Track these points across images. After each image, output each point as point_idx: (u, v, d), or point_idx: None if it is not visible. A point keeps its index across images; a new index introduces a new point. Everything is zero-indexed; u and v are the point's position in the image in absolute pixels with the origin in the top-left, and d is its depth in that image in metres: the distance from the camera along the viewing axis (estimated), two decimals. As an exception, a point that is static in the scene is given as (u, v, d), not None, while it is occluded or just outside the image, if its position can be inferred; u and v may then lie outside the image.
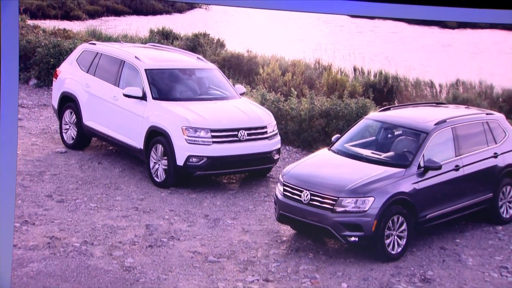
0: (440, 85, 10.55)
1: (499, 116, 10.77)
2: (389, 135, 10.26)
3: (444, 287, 9.76)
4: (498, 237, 10.55)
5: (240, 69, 9.97)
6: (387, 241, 9.56)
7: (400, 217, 9.59)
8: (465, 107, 10.91)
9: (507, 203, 10.62)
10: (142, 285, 8.90)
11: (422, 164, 9.69)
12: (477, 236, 10.48)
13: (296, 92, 10.21)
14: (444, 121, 10.15)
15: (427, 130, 9.99)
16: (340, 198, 9.31)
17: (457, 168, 10.04)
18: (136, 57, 9.73)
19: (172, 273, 9.00)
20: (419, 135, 10.01)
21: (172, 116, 9.66)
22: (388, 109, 10.62)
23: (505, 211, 10.62)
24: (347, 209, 9.30)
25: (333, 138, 10.17)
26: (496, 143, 10.52)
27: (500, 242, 10.47)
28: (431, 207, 9.91)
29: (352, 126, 10.28)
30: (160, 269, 9.03)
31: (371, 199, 9.33)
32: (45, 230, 8.92)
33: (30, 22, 8.78)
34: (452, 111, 10.71)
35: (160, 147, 9.61)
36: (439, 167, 9.79)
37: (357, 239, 9.37)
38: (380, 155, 9.98)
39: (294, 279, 9.35)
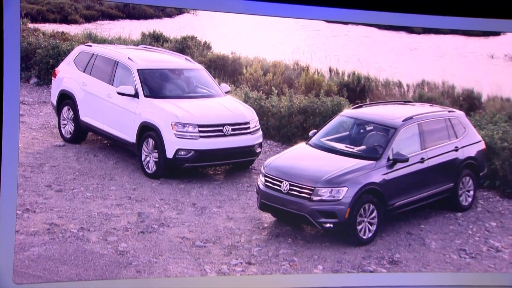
0: (407, 85, 10.61)
1: (460, 114, 10.83)
2: (361, 131, 10.29)
3: (409, 268, 9.92)
4: (458, 222, 10.68)
5: (225, 70, 9.96)
6: (359, 227, 9.70)
7: (371, 205, 9.73)
8: (430, 105, 10.98)
9: (466, 192, 10.72)
10: (135, 268, 8.96)
11: (391, 157, 9.80)
12: (440, 222, 10.60)
13: (276, 91, 10.26)
14: (411, 117, 10.25)
15: (395, 126, 10.08)
16: (316, 188, 9.41)
17: (422, 161, 10.16)
18: (129, 58, 9.70)
19: (162, 257, 9.09)
20: (388, 130, 10.08)
21: (162, 112, 9.64)
22: (361, 106, 10.66)
23: (464, 199, 10.74)
24: (323, 198, 9.41)
25: (310, 133, 10.20)
26: (457, 138, 10.62)
27: (460, 227, 10.61)
28: (399, 196, 10.02)
29: (328, 122, 10.31)
30: (151, 253, 9.11)
31: (345, 189, 9.44)
32: (45, 217, 8.94)
33: (31, 25, 8.86)
34: (418, 108, 10.79)
35: (151, 141, 9.58)
36: (406, 160, 9.91)
37: (332, 225, 9.50)
38: (353, 148, 10.05)
39: (274, 262, 9.48)
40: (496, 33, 11.15)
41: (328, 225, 9.50)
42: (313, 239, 9.87)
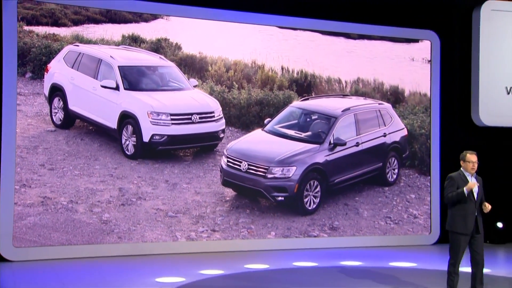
0: (345, 81, 10.99)
1: (388, 106, 11.07)
2: (308, 119, 10.39)
3: (346, 233, 10.49)
4: (385, 195, 11.05)
5: (193, 67, 10.08)
6: (305, 200, 10.00)
7: (315, 181, 9.98)
8: (364, 98, 11.10)
9: (392, 170, 11.00)
10: (116, 234, 9.15)
11: (332, 141, 10.02)
12: (371, 195, 10.94)
13: (237, 85, 10.30)
14: (348, 108, 10.45)
15: (336, 115, 10.25)
16: (270, 167, 9.64)
17: (357, 144, 10.41)
18: (111, 56, 9.59)
19: (140, 225, 9.29)
20: (330, 119, 10.24)
21: (139, 103, 9.58)
22: (307, 99, 10.70)
23: (390, 176, 11.03)
24: (276, 175, 9.66)
25: (265, 121, 10.29)
26: (385, 126, 10.89)
27: (386, 199, 11.03)
28: (338, 174, 10.28)
29: (280, 112, 10.41)
30: (130, 222, 9.27)
31: (294, 168, 9.70)
32: (39, 192, 8.89)
33: (26, 28, 8.76)
34: (354, 101, 10.90)
35: (130, 127, 9.53)
36: (344, 144, 10.17)
37: (283, 198, 9.77)
38: (301, 134, 10.18)
39: (235, 229, 9.81)
40: (415, 40, 11.52)
41: (280, 198, 9.76)
42: (267, 210, 10.07)
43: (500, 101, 11.46)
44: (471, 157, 6.39)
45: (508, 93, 11.59)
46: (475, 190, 6.34)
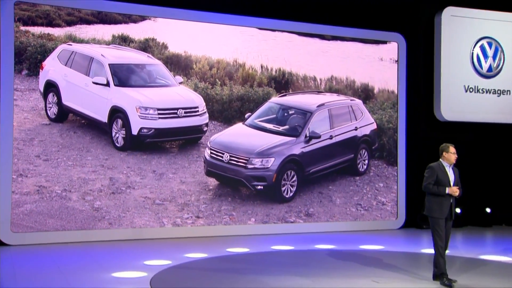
0: (320, 79, 11.04)
1: (359, 102, 11.15)
2: (285, 114, 10.42)
3: (320, 219, 10.60)
4: (356, 184, 11.14)
5: (179, 65, 10.05)
6: (283, 188, 10.07)
7: (292, 172, 10.04)
8: (337, 95, 11.13)
9: (363, 161, 11.09)
10: (107, 221, 9.19)
11: (307, 134, 10.08)
12: (343, 184, 11.01)
13: (219, 82, 10.29)
14: (323, 104, 10.50)
15: (311, 110, 10.30)
16: (250, 158, 9.69)
17: (331, 137, 10.46)
18: (102, 54, 9.54)
19: (129, 212, 9.33)
20: (306, 114, 10.29)
21: (128, 98, 9.53)
22: (285, 95, 10.71)
23: (361, 167, 11.12)
24: (256, 166, 9.72)
25: (246, 116, 10.31)
26: (356, 120, 10.95)
27: (357, 188, 11.13)
28: (313, 164, 10.33)
29: (259, 107, 10.43)
30: (120, 209, 9.30)
31: (272, 159, 9.75)
32: (35, 181, 8.88)
33: (23, 28, 8.71)
34: (328, 97, 10.93)
35: (119, 121, 9.50)
36: (319, 137, 10.23)
37: (262, 187, 9.83)
38: (279, 128, 10.20)
39: (218, 216, 9.87)
40: (384, 42, 11.61)
41: (259, 187, 9.82)
42: (247, 198, 10.13)
43: (459, 99, 11.70)
44: (453, 149, 6.41)
45: (466, 91, 11.85)
46: (452, 180, 6.37)
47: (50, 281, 6.18)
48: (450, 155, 6.36)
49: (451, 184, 6.34)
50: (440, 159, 6.43)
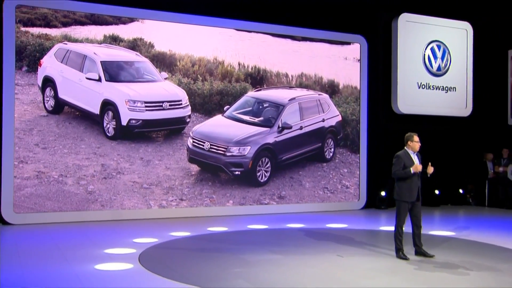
0: (291, 76, 11.09)
1: (326, 96, 11.22)
2: (260, 107, 10.45)
3: (291, 201, 10.70)
4: (323, 170, 11.26)
5: (164, 62, 10.02)
6: (258, 174, 10.17)
7: (266, 159, 10.12)
8: (307, 90, 11.18)
9: (329, 149, 11.18)
10: (100, 203, 9.21)
11: (280, 125, 10.15)
12: (312, 170, 11.11)
13: (201, 78, 10.26)
14: (294, 98, 10.57)
15: (283, 103, 10.37)
16: (229, 147, 9.72)
17: (301, 128, 10.56)
18: (94, 53, 9.49)
19: (119, 195, 9.35)
20: (278, 107, 10.33)
21: (118, 92, 9.49)
22: (260, 90, 10.73)
23: (327, 154, 11.21)
24: (234, 154, 9.76)
25: (225, 108, 10.30)
26: (323, 113, 11.04)
27: (324, 173, 11.24)
28: (285, 152, 10.41)
29: (237, 101, 10.44)
30: (111, 193, 9.32)
31: (249, 147, 9.82)
32: (34, 167, 8.87)
33: (23, 28, 8.55)
34: (299, 92, 10.97)
35: (110, 113, 9.46)
36: (291, 127, 10.32)
37: (239, 173, 9.91)
38: (255, 119, 10.26)
39: (199, 199, 9.93)
40: (348, 43, 11.73)
41: (237, 172, 9.89)
42: (226, 183, 10.18)
43: (413, 94, 11.90)
44: (417, 138, 6.33)
45: (419, 88, 12.08)
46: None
47: (49, 256, 6.16)
48: (414, 143, 6.30)
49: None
50: (405, 147, 6.35)
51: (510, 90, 13.04)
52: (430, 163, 6.29)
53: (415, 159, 6.29)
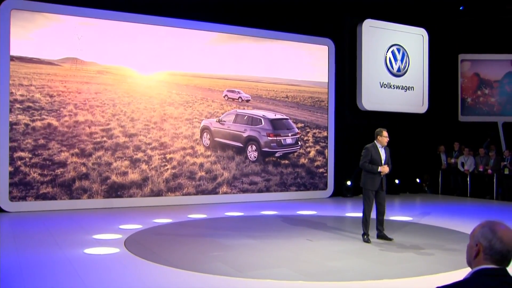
0: (261, 78, 10.75)
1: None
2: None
3: (265, 190, 10.57)
4: (296, 161, 10.86)
5: None
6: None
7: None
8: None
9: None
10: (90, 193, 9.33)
11: None
12: (288, 160, 10.96)
13: None
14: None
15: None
16: None
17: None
18: None
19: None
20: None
21: None
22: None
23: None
24: None
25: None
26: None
27: (295, 164, 10.89)
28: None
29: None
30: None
31: None
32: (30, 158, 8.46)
33: None
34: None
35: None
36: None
37: None
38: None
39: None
40: (317, 45, 11.57)
41: None
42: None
43: (376, 92, 12.03)
44: (386, 133, 6.34)
45: (381, 87, 12.27)
46: (383, 159, 6.34)
47: (42, 241, 6.09)
48: (383, 138, 6.31)
49: (383, 161, 6.31)
50: (375, 141, 6.37)
51: (461, 90, 13.37)
52: (386, 165, 6.32)
53: (382, 153, 6.32)
